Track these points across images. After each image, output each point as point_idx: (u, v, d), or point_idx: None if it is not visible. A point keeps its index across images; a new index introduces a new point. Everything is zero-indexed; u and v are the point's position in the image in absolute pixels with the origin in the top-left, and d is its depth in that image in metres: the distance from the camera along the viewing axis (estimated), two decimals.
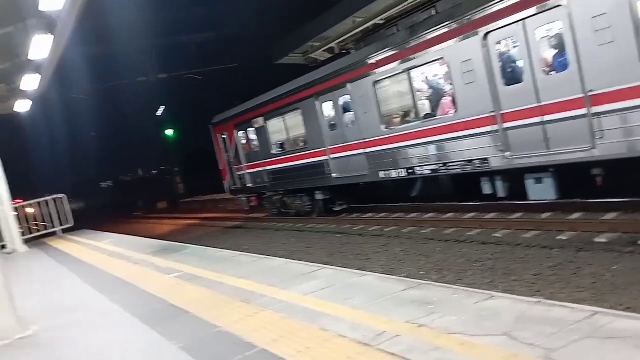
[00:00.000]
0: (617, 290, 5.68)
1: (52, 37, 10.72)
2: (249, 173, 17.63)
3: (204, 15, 24.29)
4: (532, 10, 7.91)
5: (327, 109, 13.26)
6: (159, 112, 38.02)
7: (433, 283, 5.28)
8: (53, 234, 17.90)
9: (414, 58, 10.23)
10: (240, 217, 20.49)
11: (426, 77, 10.76)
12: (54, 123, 38.16)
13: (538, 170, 8.81)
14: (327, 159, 13.49)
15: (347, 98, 12.41)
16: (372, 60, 11.32)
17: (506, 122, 8.77)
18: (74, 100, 29.71)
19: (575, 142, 7.78)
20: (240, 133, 17.65)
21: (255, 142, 16.85)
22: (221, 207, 27.02)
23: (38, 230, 17.61)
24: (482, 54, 8.81)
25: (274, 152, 16.03)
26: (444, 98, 10.19)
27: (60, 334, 5.61)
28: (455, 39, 9.28)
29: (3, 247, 14.55)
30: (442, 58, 9.69)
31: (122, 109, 40.84)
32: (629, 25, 6.82)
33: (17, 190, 17.01)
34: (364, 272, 6.15)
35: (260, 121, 16.24)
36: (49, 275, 9.91)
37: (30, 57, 11.75)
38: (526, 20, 8.03)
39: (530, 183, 9.12)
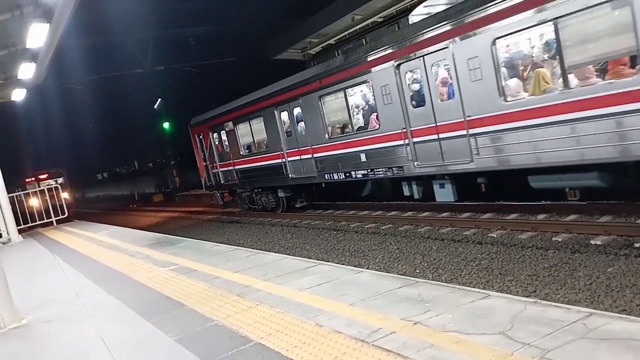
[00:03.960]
0: (612, 292, 5.72)
1: (49, 25, 10.65)
2: (221, 171, 19.33)
3: (202, 9, 24.10)
4: (429, 49, 9.70)
5: (284, 117, 14.97)
6: (156, 105, 37.83)
7: (429, 281, 5.28)
8: (48, 224, 17.86)
9: (348, 79, 12.09)
10: (235, 211, 20.49)
11: (358, 96, 12.51)
12: (50, 112, 37.81)
13: (441, 177, 10.66)
14: (284, 162, 15.18)
15: (299, 109, 14.17)
16: (317, 79, 13.12)
17: (414, 137, 10.53)
18: (70, 90, 29.42)
19: (460, 156, 9.56)
20: (214, 134, 19.35)
21: (227, 144, 18.58)
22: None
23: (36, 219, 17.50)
24: (396, 80, 10.58)
25: (242, 153, 17.69)
26: (372, 114, 11.84)
27: (55, 323, 5.60)
28: (376, 67, 11.05)
29: None
30: (367, 81, 11.50)
31: (119, 100, 40.49)
32: (491, 66, 8.56)
33: (10, 181, 16.93)
34: (360, 269, 6.16)
35: (230, 125, 18.00)
36: (43, 265, 9.89)
37: (27, 45, 11.68)
38: (425, 56, 9.84)
39: (436, 187, 10.96)
